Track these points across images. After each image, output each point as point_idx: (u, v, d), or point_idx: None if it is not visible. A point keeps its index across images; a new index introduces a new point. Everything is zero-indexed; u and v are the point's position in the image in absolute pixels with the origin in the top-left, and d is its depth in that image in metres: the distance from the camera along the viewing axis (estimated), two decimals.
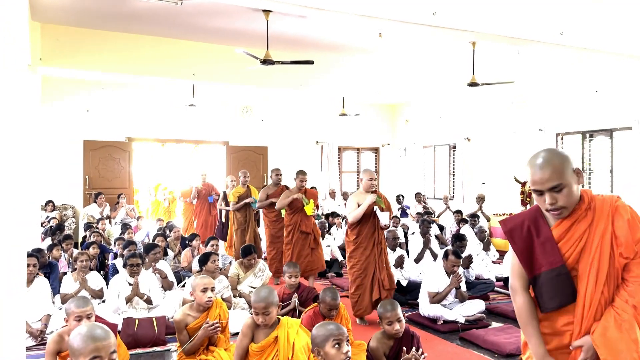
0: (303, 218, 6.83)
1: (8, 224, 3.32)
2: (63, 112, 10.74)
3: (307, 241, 6.82)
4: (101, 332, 2.12)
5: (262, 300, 3.15)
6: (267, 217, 7.70)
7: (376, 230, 5.36)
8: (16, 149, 3.38)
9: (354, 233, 5.37)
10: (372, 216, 5.32)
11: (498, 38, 6.01)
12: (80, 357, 2.05)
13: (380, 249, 5.37)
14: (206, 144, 12.65)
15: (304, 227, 6.80)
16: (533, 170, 2.04)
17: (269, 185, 7.67)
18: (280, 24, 7.45)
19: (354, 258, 5.38)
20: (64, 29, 7.87)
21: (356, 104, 13.18)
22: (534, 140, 10.13)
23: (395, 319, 3.29)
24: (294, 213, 6.87)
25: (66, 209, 10.60)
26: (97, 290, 5.59)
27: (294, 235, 6.83)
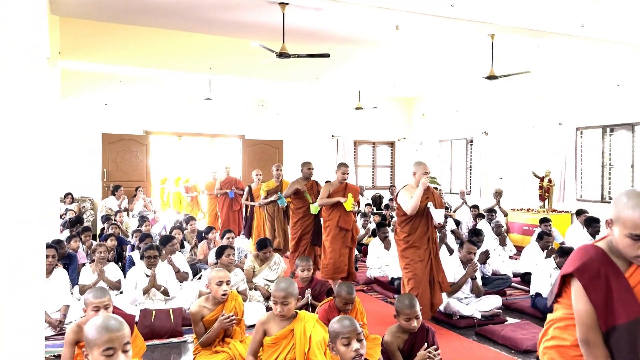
0: (342, 214, 6.27)
1: (28, 216, 3.37)
2: (82, 105, 10.86)
3: (346, 239, 6.31)
4: (115, 323, 2.13)
5: (282, 290, 3.17)
6: (294, 215, 7.07)
7: (430, 228, 5.00)
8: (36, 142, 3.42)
9: (405, 231, 5.01)
10: (424, 213, 4.98)
11: (517, 30, 5.93)
12: (95, 348, 2.07)
13: (435, 249, 5.03)
14: (222, 138, 12.70)
15: (344, 224, 6.26)
16: None
17: (298, 179, 7.06)
18: (297, 17, 7.42)
19: (407, 258, 5.01)
20: (82, 23, 7.94)
21: (372, 98, 13.11)
22: (552, 134, 10.00)
23: (414, 316, 3.27)
24: (333, 209, 6.33)
25: (85, 201, 10.74)
26: (114, 282, 5.66)
27: (332, 232, 6.30)
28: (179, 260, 6.09)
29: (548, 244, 6.68)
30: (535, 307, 5.57)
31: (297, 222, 6.94)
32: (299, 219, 6.92)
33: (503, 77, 7.95)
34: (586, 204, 9.13)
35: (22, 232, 3.36)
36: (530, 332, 4.72)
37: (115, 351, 2.06)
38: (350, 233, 6.32)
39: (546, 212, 9.39)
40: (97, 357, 2.05)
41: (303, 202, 6.88)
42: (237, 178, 10.59)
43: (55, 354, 4.23)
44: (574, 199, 9.63)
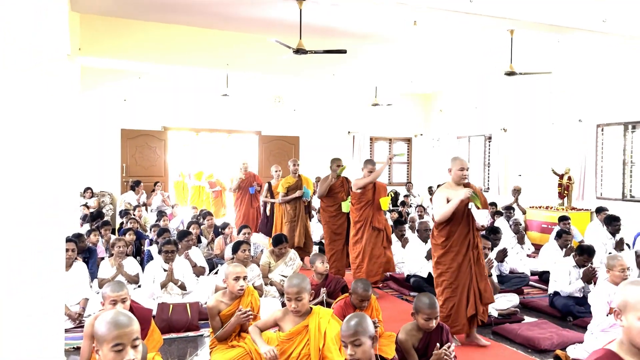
0: (375, 213, 5.95)
1: (47, 210, 3.42)
2: (101, 101, 10.99)
3: (379, 239, 5.96)
4: (124, 319, 2.13)
5: (294, 286, 3.19)
6: (325, 212, 6.79)
7: (471, 232, 4.46)
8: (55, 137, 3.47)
9: (442, 234, 4.48)
10: (465, 214, 4.45)
11: (537, 26, 5.85)
12: (104, 344, 2.07)
13: (477, 255, 4.49)
14: (239, 134, 12.75)
15: (376, 223, 5.92)
16: None
17: (328, 176, 6.81)
18: (314, 13, 7.41)
19: (443, 264, 4.50)
20: (102, 19, 8.02)
21: (389, 94, 13.04)
22: (573, 131, 9.85)
23: (434, 317, 3.26)
24: (365, 207, 5.97)
25: (104, 196, 10.88)
26: (133, 276, 5.72)
27: (365, 232, 5.96)
28: (195, 255, 6.15)
29: (567, 242, 6.60)
30: (553, 306, 5.51)
31: (329, 221, 6.70)
32: (330, 218, 6.70)
33: (522, 75, 7.84)
34: (606, 202, 8.99)
35: (42, 226, 3.42)
36: (548, 331, 4.67)
37: (124, 347, 2.06)
38: (384, 233, 6.01)
39: (565, 210, 9.27)
40: (106, 352, 2.06)
41: (334, 200, 6.65)
42: (255, 174, 10.18)
43: (74, 346, 4.30)
44: (593, 196, 9.49)
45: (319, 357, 3.16)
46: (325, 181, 6.75)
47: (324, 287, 4.77)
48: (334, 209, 6.69)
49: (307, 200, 7.62)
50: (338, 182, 6.70)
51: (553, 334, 4.59)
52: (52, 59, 3.46)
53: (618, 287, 2.01)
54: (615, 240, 6.80)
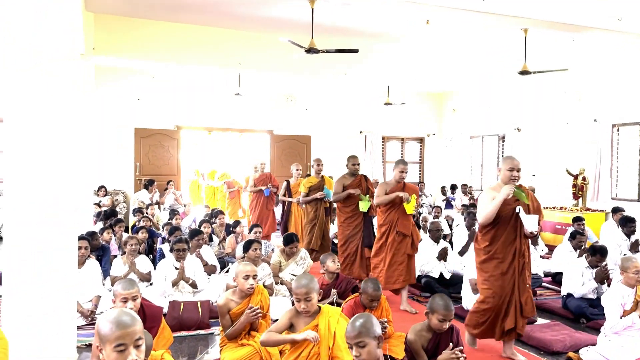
0: (401, 217, 5.55)
1: (60, 208, 3.46)
2: (115, 100, 11.09)
3: (403, 245, 5.58)
4: (127, 318, 2.11)
5: (303, 287, 3.19)
6: (341, 214, 6.46)
7: (518, 238, 4.06)
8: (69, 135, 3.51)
9: (486, 239, 4.12)
10: (512, 218, 4.08)
11: (551, 25, 5.79)
12: (107, 344, 2.06)
13: (523, 264, 4.10)
14: (251, 133, 12.79)
15: (402, 228, 5.53)
16: None
17: (344, 175, 6.51)
18: (326, 12, 7.40)
19: (485, 272, 4.15)
20: (116, 19, 8.09)
21: (401, 93, 13.00)
22: (588, 131, 9.74)
23: (449, 319, 3.24)
24: (390, 210, 5.59)
25: (117, 194, 10.98)
26: (145, 274, 5.77)
27: (389, 236, 5.59)
28: (207, 254, 6.18)
29: (581, 243, 6.52)
30: (566, 308, 5.45)
31: (344, 222, 6.37)
32: (346, 218, 6.35)
33: (536, 73, 7.77)
34: (621, 202, 8.87)
35: (56, 224, 3.46)
36: (561, 333, 4.62)
37: (127, 347, 2.06)
38: (409, 239, 5.58)
39: (580, 211, 9.16)
40: (109, 352, 2.05)
41: (351, 200, 6.32)
42: (271, 175, 9.63)
43: (86, 343, 4.35)
44: (608, 197, 9.37)
45: (329, 356, 3.16)
46: (340, 182, 6.43)
47: (334, 288, 4.76)
48: (350, 209, 6.33)
49: (328, 200, 7.31)
50: (355, 181, 6.38)
51: (566, 336, 4.54)
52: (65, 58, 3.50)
53: None
54: (630, 241, 6.71)
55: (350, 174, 6.47)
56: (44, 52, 3.43)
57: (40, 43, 3.42)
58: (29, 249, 3.38)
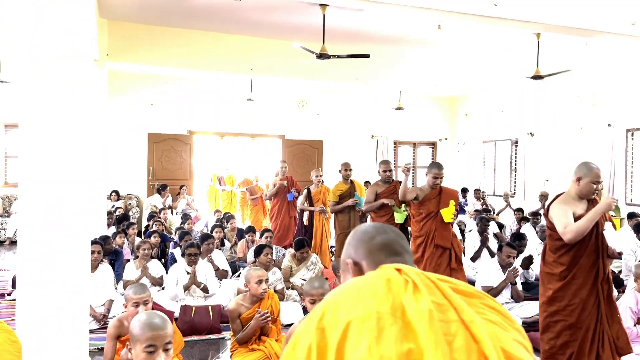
0: (439, 227, 4.94)
1: (73, 213, 3.50)
2: (129, 105, 11.20)
3: (443, 259, 4.95)
4: (159, 321, 2.19)
5: (319, 287, 3.21)
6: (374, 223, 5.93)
7: (600, 259, 3.43)
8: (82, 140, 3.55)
9: (562, 262, 3.44)
10: (594, 236, 3.42)
11: (564, 29, 5.75)
12: (138, 344, 2.15)
13: (608, 290, 3.48)
14: (263, 138, 12.84)
15: (440, 240, 4.93)
16: None
17: (377, 182, 6.04)
18: (337, 18, 7.43)
19: (561, 300, 3.46)
20: (129, 26, 8.19)
21: (413, 98, 12.97)
22: (602, 136, 9.64)
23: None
24: (426, 219, 4.99)
25: (131, 199, 11.07)
26: (157, 278, 5.81)
27: (427, 250, 4.98)
28: (218, 258, 6.21)
29: None
30: None
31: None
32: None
33: (549, 77, 7.72)
34: (636, 208, 8.76)
35: (68, 228, 3.50)
36: None
37: (157, 349, 2.13)
38: (449, 252, 4.96)
39: None
40: (139, 352, 2.13)
41: (385, 210, 5.82)
42: (293, 178, 8.84)
43: (99, 347, 4.38)
44: (623, 203, 9.26)
45: None
46: (372, 190, 5.87)
47: None
48: (384, 220, 5.69)
49: (360, 209, 6.65)
50: (389, 188, 5.84)
51: None
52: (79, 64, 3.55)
53: None
54: None
55: (383, 180, 5.93)
56: (56, 58, 3.48)
57: (55, 50, 3.48)
58: (42, 253, 3.42)
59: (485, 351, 0.95)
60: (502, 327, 1.04)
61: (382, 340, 0.94)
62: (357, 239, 1.37)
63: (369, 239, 1.34)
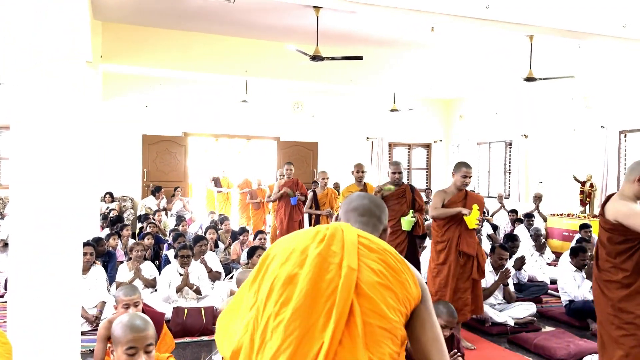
0: (463, 232, 4.59)
1: (65, 215, 3.50)
2: (123, 107, 11.18)
3: (467, 268, 4.61)
4: (140, 323, 2.19)
5: None
6: None
7: None
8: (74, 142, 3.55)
9: (625, 267, 3.04)
10: None
11: (556, 32, 5.78)
12: (119, 346, 2.15)
13: None
14: (258, 139, 12.84)
15: (465, 247, 4.58)
16: None
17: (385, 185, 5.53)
18: (330, 20, 7.45)
19: (629, 313, 3.00)
20: (123, 28, 8.19)
21: (407, 99, 13.01)
22: (595, 138, 9.69)
23: (451, 326, 3.23)
24: (449, 224, 4.62)
25: (125, 201, 11.06)
26: (150, 280, 5.80)
27: (448, 257, 4.61)
28: (212, 260, 6.20)
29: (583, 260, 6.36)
30: (570, 315, 5.41)
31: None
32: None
33: (542, 80, 7.76)
34: None
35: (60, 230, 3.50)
36: (565, 341, 4.59)
37: (137, 351, 2.13)
38: (473, 260, 4.61)
39: (587, 218, 9.11)
40: (120, 354, 2.13)
41: (392, 214, 5.23)
42: (299, 181, 8.43)
43: (90, 349, 4.38)
44: None
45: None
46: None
47: None
48: (390, 226, 5.10)
49: None
50: (399, 191, 5.40)
51: (570, 344, 4.51)
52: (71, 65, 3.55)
53: None
54: None
55: (392, 183, 5.51)
56: (49, 60, 3.48)
57: (46, 50, 3.48)
58: (34, 255, 3.41)
59: (341, 283, 1.35)
60: (376, 273, 1.40)
61: (285, 264, 1.43)
62: (343, 203, 1.79)
63: (348, 203, 1.77)
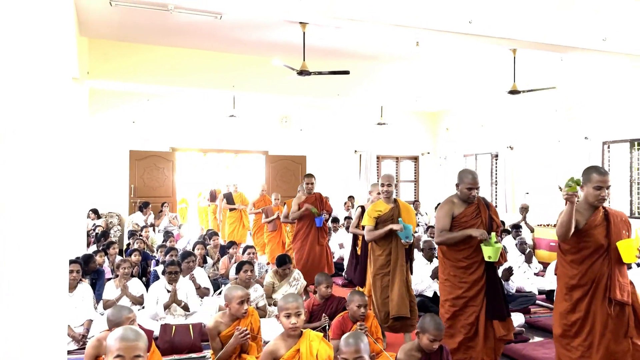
0: (615, 269, 3.39)
1: (51, 232, 3.47)
2: (110, 123, 11.14)
3: (621, 320, 3.41)
4: (131, 334, 2.30)
5: (294, 301, 3.22)
6: (449, 261, 4.07)
7: None
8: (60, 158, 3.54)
9: None
10: None
11: (538, 45, 5.89)
12: (109, 354, 2.27)
13: None
14: (246, 154, 12.85)
15: (618, 293, 3.37)
16: None
17: (452, 200, 4.19)
18: (317, 35, 7.52)
19: None
20: (110, 44, 8.19)
21: (395, 112, 13.11)
22: (579, 149, 9.82)
23: (439, 339, 3.25)
24: (591, 258, 3.45)
25: (112, 217, 10.97)
26: (137, 297, 5.75)
27: (591, 307, 3.42)
28: (200, 276, 6.17)
29: None
30: None
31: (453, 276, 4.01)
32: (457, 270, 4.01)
33: (526, 92, 7.87)
34: None
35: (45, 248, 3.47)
36: (553, 352, 4.60)
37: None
38: (628, 311, 3.42)
39: None
40: None
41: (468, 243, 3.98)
42: (324, 197, 7.05)
43: None
44: None
45: None
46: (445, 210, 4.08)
47: (326, 309, 4.75)
48: (465, 256, 3.95)
49: (408, 242, 4.77)
50: (472, 207, 4.07)
51: None
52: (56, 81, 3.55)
53: None
54: None
55: (462, 199, 4.11)
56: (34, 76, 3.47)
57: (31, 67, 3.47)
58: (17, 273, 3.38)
59: None
60: None
61: None
62: None
63: None
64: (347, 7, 5.08)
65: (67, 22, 3.70)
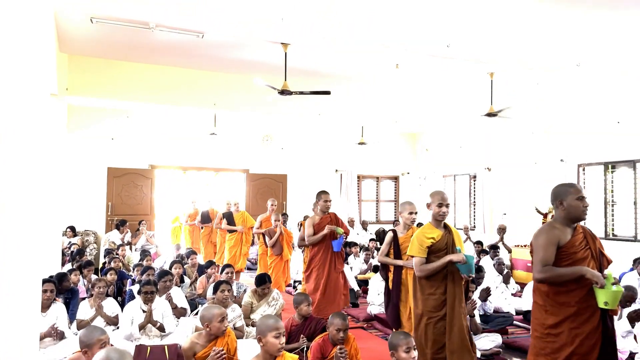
0: None
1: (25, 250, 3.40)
2: (88, 140, 11.03)
3: None
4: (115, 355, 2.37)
5: (278, 322, 3.23)
6: (546, 304, 3.28)
7: None
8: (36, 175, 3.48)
9: None
10: None
11: (514, 69, 6.03)
12: None
13: None
14: (227, 172, 12.81)
15: None
16: None
17: (554, 225, 3.38)
18: (298, 56, 7.58)
19: None
20: (90, 61, 8.15)
21: (375, 132, 13.24)
22: (555, 170, 10.01)
23: (412, 346, 3.28)
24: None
25: (88, 235, 10.79)
26: (112, 317, 5.63)
27: None
28: (177, 296, 6.07)
29: None
30: None
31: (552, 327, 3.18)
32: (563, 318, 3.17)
33: (501, 114, 8.02)
34: None
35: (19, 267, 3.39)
36: None
37: None
38: None
39: None
40: None
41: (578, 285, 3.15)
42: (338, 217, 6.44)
43: None
44: None
45: None
46: (549, 236, 3.27)
47: (304, 329, 4.71)
48: (575, 300, 3.12)
49: (470, 276, 4.01)
50: (579, 236, 3.27)
51: None
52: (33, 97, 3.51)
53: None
54: None
55: (563, 222, 3.32)
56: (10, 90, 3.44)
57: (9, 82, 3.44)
58: None
59: None
60: None
61: None
62: None
63: None
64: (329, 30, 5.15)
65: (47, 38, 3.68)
